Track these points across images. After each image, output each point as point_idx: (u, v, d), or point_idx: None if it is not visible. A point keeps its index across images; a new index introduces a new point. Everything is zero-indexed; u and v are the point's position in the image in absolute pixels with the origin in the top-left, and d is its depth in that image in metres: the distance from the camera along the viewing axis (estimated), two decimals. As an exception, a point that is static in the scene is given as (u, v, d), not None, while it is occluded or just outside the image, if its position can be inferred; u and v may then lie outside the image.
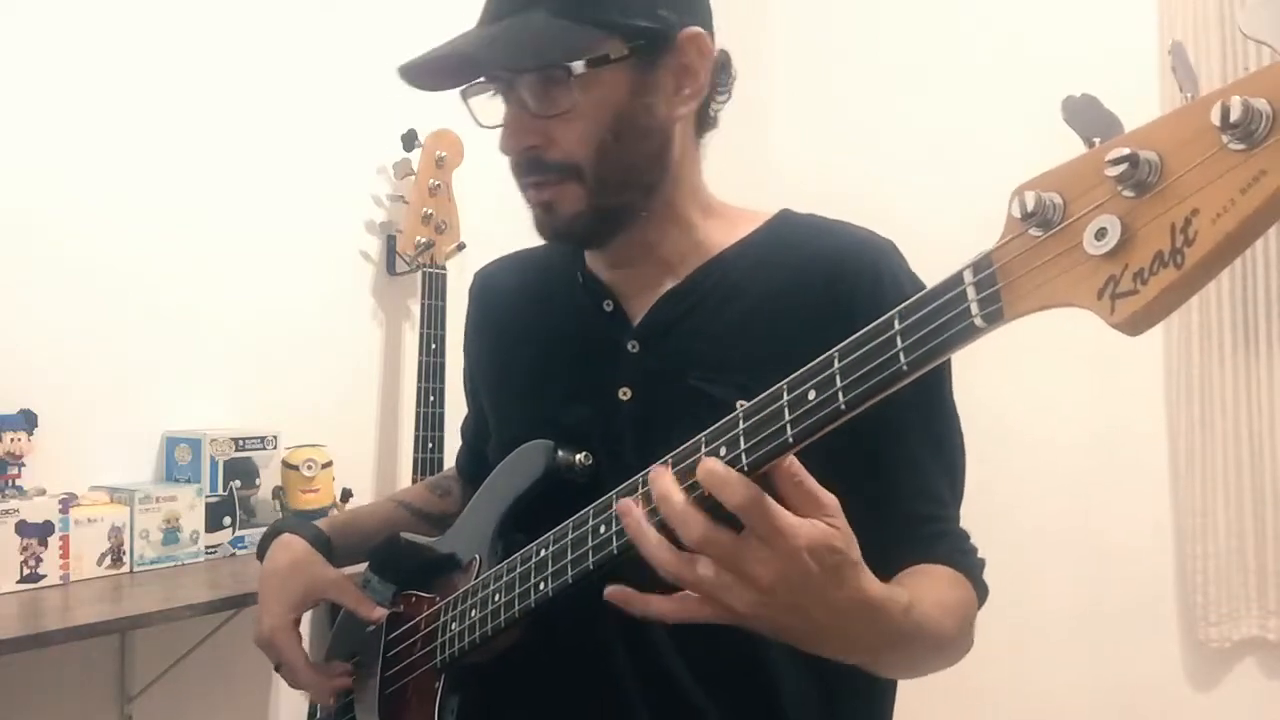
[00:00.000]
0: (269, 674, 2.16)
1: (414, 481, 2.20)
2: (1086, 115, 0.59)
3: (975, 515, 1.02)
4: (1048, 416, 2.73)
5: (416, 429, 2.22)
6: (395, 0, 2.43)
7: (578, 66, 0.92)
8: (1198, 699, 2.72)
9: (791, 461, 0.73)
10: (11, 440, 1.75)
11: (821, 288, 0.97)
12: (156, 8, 2.03)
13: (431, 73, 1.00)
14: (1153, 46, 2.71)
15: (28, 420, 1.77)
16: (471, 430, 1.26)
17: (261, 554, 1.18)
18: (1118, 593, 2.73)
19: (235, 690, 2.12)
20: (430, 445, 2.21)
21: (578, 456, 0.99)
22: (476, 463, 1.18)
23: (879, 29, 3.08)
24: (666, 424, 0.95)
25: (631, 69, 0.95)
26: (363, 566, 1.21)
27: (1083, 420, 2.70)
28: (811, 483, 0.74)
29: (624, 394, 1.00)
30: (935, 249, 1.07)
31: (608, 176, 0.96)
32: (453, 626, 1.00)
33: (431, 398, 2.23)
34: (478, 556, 1.03)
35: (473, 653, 0.98)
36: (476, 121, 1.00)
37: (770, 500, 0.71)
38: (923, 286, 1.00)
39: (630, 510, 0.77)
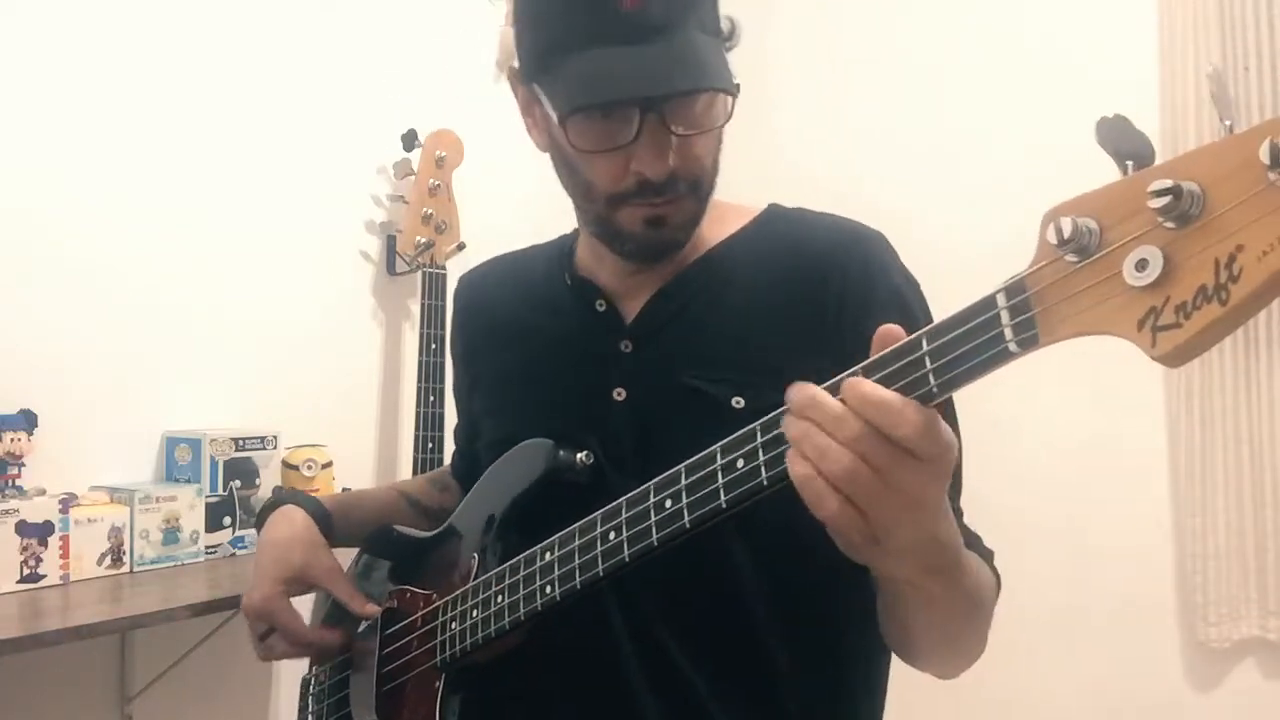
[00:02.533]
0: (269, 674, 2.16)
1: (414, 481, 2.20)
2: (1119, 137, 0.59)
3: (974, 515, 1.02)
4: (1047, 417, 2.73)
5: (416, 429, 2.22)
6: (395, 1, 2.43)
7: (736, 84, 0.92)
8: (1198, 699, 2.72)
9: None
10: (11, 440, 1.75)
11: (812, 282, 0.97)
12: (157, 8, 2.03)
13: (601, 93, 0.91)
14: (1152, 47, 2.71)
15: (28, 420, 1.77)
16: (464, 436, 1.24)
17: (261, 522, 1.17)
18: (1118, 593, 2.73)
19: (235, 690, 2.12)
20: (430, 445, 2.21)
21: (579, 455, 0.98)
22: (470, 468, 1.17)
23: (882, 21, 3.08)
24: (663, 423, 0.95)
25: None
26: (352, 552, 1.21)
27: (1083, 420, 2.70)
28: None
29: (619, 394, 1.00)
30: (935, 247, 1.07)
31: (711, 185, 0.99)
32: (453, 626, 1.00)
33: (431, 398, 2.22)
34: (476, 556, 1.02)
35: (474, 653, 0.98)
36: (571, 144, 0.94)
37: (941, 419, 0.67)
38: (911, 278, 1.01)
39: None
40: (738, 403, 0.94)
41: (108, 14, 1.96)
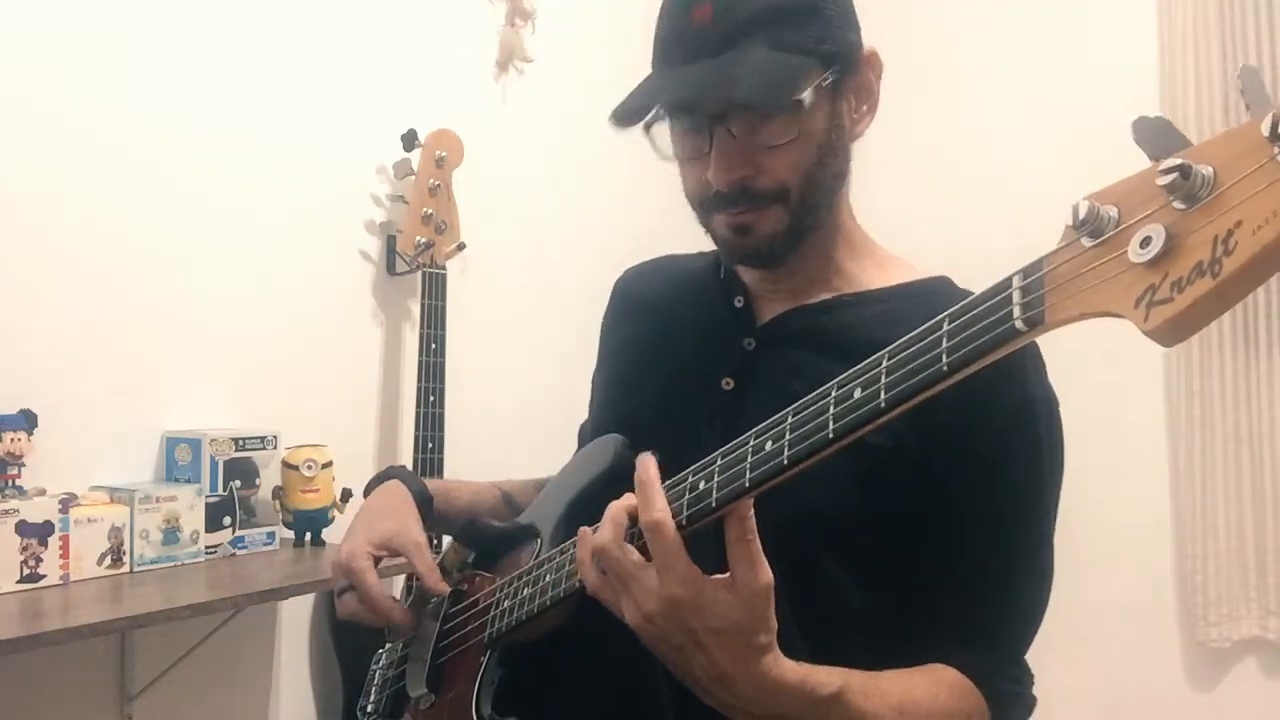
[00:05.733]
0: (269, 674, 2.16)
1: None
2: (1157, 136, 0.59)
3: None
4: (1048, 416, 2.72)
5: (416, 429, 2.22)
6: (395, 1, 2.43)
7: (807, 98, 0.94)
8: (1198, 699, 2.72)
9: (746, 516, 0.79)
10: (11, 440, 1.75)
11: None
12: (157, 7, 2.03)
13: (644, 110, 0.98)
14: (1152, 46, 2.71)
15: (28, 420, 1.77)
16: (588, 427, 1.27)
17: (369, 491, 1.24)
18: (1118, 593, 2.73)
19: (235, 690, 2.12)
20: (430, 445, 2.21)
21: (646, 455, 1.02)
22: None
23: (879, 19, 3.08)
24: (756, 419, 0.97)
25: (830, 93, 0.98)
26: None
27: (1083, 420, 2.69)
28: (755, 548, 0.79)
29: (727, 384, 1.04)
30: (932, 243, 1.07)
31: (808, 198, 0.99)
32: (504, 604, 1.03)
33: (431, 398, 2.22)
34: (539, 541, 1.07)
35: (518, 630, 1.01)
36: (658, 153, 1.00)
37: (672, 537, 0.79)
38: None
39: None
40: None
41: (107, 13, 1.96)
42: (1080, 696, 2.76)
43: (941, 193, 2.94)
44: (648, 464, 0.82)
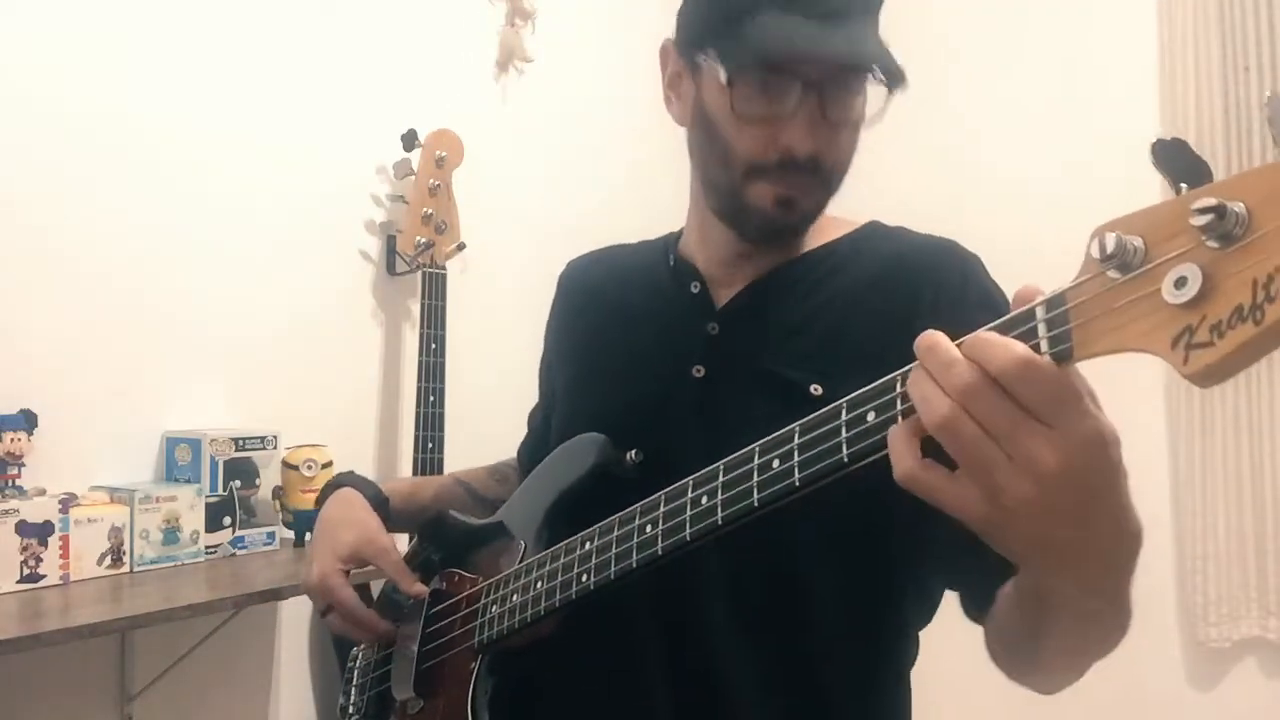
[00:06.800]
0: (269, 674, 2.16)
1: (414, 481, 2.21)
2: (1175, 159, 0.58)
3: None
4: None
5: (416, 429, 2.22)
6: (395, 1, 2.44)
7: (895, 85, 0.95)
8: (1198, 699, 2.72)
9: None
10: (11, 440, 1.75)
11: (908, 285, 0.98)
12: (157, 7, 2.03)
13: (791, 53, 0.94)
14: (1152, 47, 2.71)
15: (28, 420, 1.77)
16: (540, 419, 1.27)
17: (321, 500, 1.22)
18: (1118, 593, 2.73)
19: (235, 690, 2.12)
20: (430, 445, 2.21)
21: (629, 454, 1.02)
22: (539, 452, 1.19)
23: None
24: (735, 401, 0.97)
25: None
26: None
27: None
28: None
29: (697, 371, 1.03)
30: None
31: (839, 183, 1.02)
32: (493, 609, 1.02)
33: (431, 398, 2.22)
34: (523, 542, 1.05)
35: (511, 637, 1.00)
36: (732, 108, 0.96)
37: (1054, 367, 0.60)
38: (1003, 292, 0.98)
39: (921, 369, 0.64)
40: (815, 389, 0.94)
41: (107, 13, 1.96)
42: (1079, 695, 2.75)
43: (941, 193, 2.94)
44: (924, 335, 0.64)
